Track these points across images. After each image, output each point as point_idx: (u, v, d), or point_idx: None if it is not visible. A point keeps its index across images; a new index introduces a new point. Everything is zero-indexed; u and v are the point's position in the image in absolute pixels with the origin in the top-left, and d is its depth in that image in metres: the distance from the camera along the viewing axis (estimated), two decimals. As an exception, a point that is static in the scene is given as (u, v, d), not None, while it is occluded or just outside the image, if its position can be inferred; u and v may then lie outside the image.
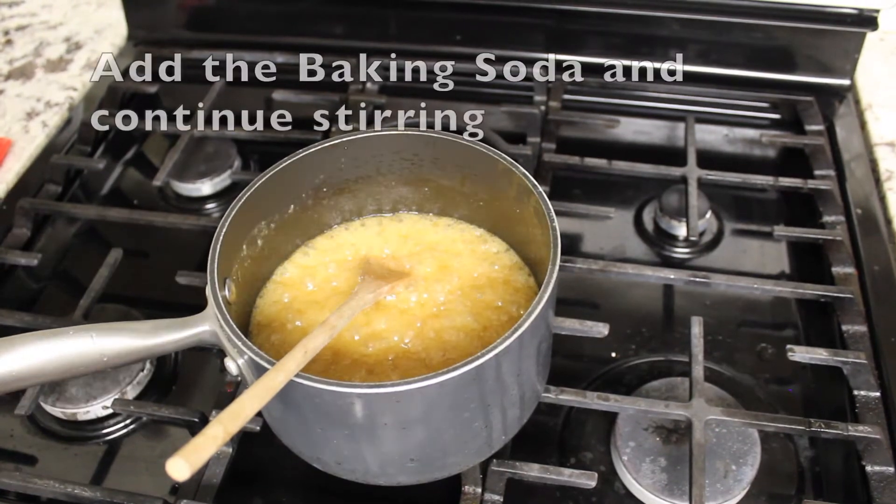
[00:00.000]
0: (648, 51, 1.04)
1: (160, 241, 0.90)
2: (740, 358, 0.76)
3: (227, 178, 0.94)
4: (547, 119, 0.98)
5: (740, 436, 0.67)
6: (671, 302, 0.82)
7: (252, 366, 0.56)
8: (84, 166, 0.98)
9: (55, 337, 0.61)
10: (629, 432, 0.68)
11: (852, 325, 0.75)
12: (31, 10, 1.21)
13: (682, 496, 0.64)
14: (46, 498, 0.68)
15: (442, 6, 1.06)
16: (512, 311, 0.67)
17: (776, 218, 0.88)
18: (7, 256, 0.85)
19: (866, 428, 0.65)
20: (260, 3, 1.11)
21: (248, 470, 0.69)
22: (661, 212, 0.88)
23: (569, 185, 0.91)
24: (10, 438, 0.73)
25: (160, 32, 1.14)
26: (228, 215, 0.64)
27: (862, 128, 0.98)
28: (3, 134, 1.00)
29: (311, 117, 0.99)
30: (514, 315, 0.66)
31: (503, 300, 0.68)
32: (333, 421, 0.56)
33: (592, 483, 0.63)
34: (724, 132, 1.00)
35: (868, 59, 1.04)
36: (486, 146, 0.68)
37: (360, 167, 0.72)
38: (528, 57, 1.05)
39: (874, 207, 0.88)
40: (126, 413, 0.73)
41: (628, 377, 0.75)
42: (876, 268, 0.81)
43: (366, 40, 1.08)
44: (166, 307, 0.69)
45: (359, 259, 0.72)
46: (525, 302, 0.68)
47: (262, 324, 0.69)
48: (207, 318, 0.60)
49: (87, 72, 1.09)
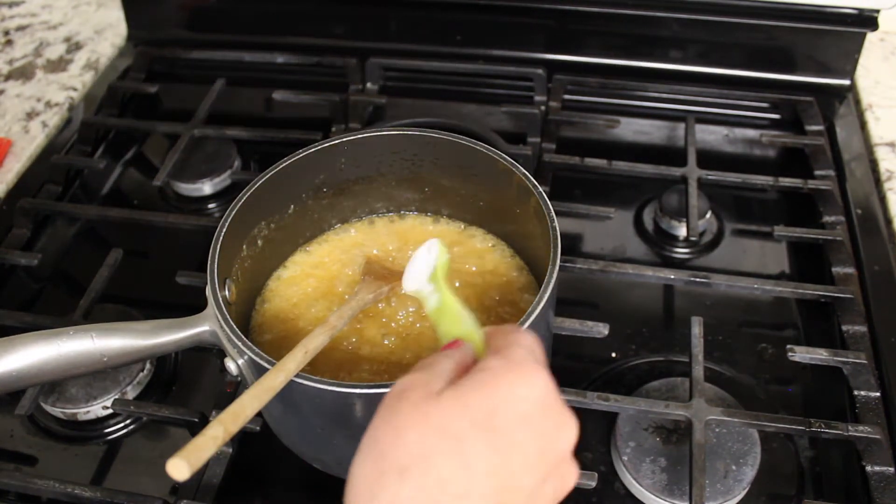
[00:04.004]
0: (648, 51, 1.04)
1: (160, 241, 0.90)
2: (740, 358, 0.76)
3: (227, 178, 0.94)
4: (547, 119, 0.98)
5: (740, 436, 0.67)
6: (671, 302, 0.82)
7: (252, 366, 0.56)
8: (84, 166, 0.98)
9: (55, 337, 0.61)
10: (629, 432, 0.68)
11: (852, 325, 0.75)
12: (31, 10, 1.21)
13: (682, 496, 0.64)
14: (46, 498, 0.68)
15: (442, 6, 1.06)
16: (512, 311, 0.67)
17: (776, 218, 0.88)
18: (7, 256, 0.85)
19: (866, 428, 0.65)
20: (260, 3, 1.11)
21: (248, 470, 0.69)
22: (661, 212, 0.88)
23: (569, 185, 0.91)
24: (10, 438, 0.73)
25: (160, 32, 1.14)
26: (228, 215, 0.64)
27: (862, 128, 0.98)
28: (3, 134, 1.00)
29: (311, 117, 0.99)
30: (514, 315, 0.66)
31: (503, 300, 0.68)
32: (333, 421, 0.56)
33: (592, 483, 0.63)
34: (724, 132, 1.00)
35: (868, 59, 1.04)
36: (486, 146, 0.68)
37: (360, 167, 0.72)
38: (528, 57, 1.05)
39: (874, 207, 0.88)
40: (126, 413, 0.72)
41: (628, 377, 0.75)
42: (876, 268, 0.81)
43: (366, 40, 1.08)
44: (166, 307, 0.69)
45: (359, 259, 0.72)
46: (525, 302, 0.68)
47: (262, 324, 0.69)
48: (207, 318, 0.60)
49: (87, 72, 1.09)
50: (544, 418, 0.39)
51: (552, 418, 0.39)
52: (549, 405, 0.39)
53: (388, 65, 1.05)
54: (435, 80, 1.06)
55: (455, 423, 0.36)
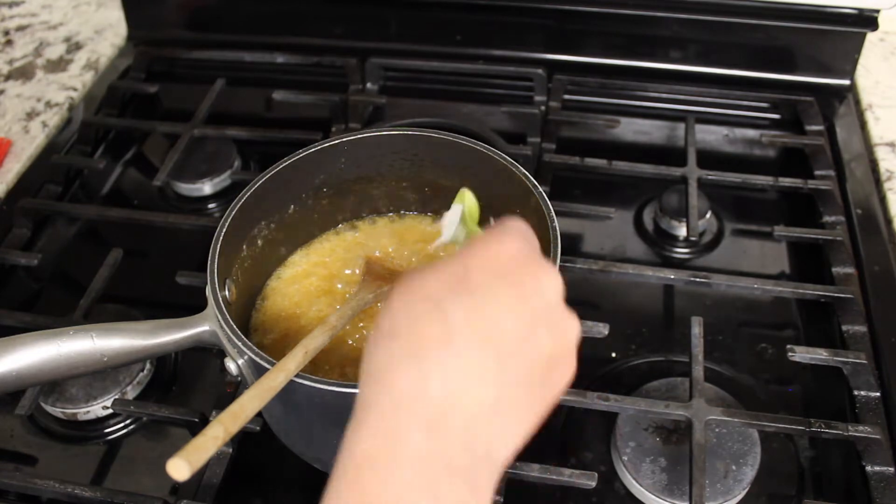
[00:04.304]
0: (648, 51, 1.04)
1: (160, 241, 0.90)
2: (740, 358, 0.76)
3: (227, 178, 0.94)
4: (547, 119, 0.98)
5: (740, 436, 0.67)
6: (671, 302, 0.82)
7: (252, 366, 0.56)
8: (84, 166, 0.98)
9: (55, 337, 0.61)
10: (629, 432, 0.68)
11: (852, 325, 0.75)
12: (31, 10, 1.21)
13: (682, 496, 0.64)
14: (46, 498, 0.68)
15: (442, 6, 1.06)
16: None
17: (776, 218, 0.88)
18: (7, 256, 0.85)
19: (866, 428, 0.65)
20: (260, 3, 1.11)
21: (248, 470, 0.69)
22: (661, 212, 0.88)
23: (569, 185, 0.91)
24: (10, 438, 0.73)
25: (160, 32, 1.14)
26: (228, 215, 0.64)
27: (862, 128, 0.98)
28: (3, 134, 1.00)
29: (311, 117, 0.99)
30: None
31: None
32: (333, 421, 0.56)
33: (592, 483, 0.63)
34: (724, 132, 1.00)
35: (868, 59, 1.04)
36: (486, 146, 0.68)
37: (360, 167, 0.72)
38: (528, 57, 1.05)
39: (874, 207, 0.88)
40: (126, 413, 0.72)
41: (628, 377, 0.74)
42: (876, 268, 0.81)
43: (366, 40, 1.08)
44: (166, 307, 0.69)
45: (359, 259, 0.72)
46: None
47: (262, 324, 0.69)
48: (207, 318, 0.60)
49: (87, 72, 1.09)
50: (519, 270, 0.41)
51: (529, 270, 0.41)
52: (524, 260, 0.41)
53: (388, 65, 1.05)
54: (435, 80, 1.06)
55: (432, 287, 0.39)
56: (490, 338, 0.38)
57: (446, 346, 0.37)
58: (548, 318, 0.41)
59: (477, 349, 0.38)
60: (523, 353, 0.39)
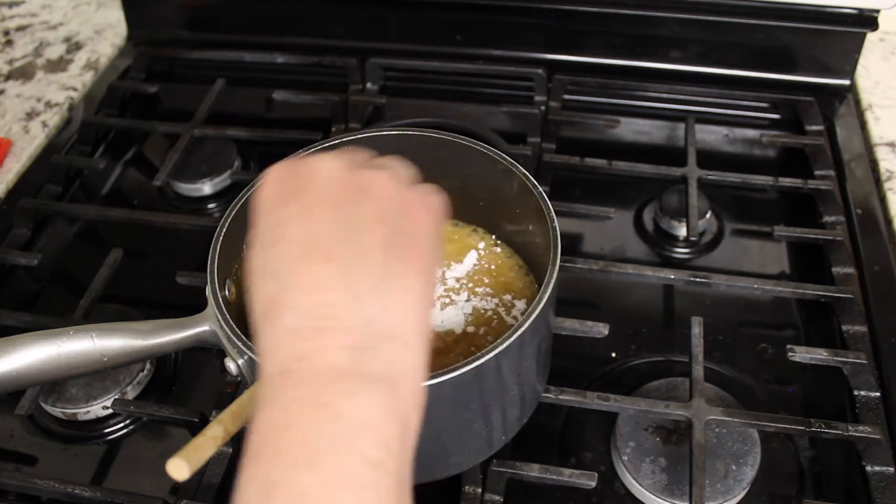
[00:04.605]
0: (648, 51, 1.04)
1: (160, 241, 0.90)
2: (740, 358, 0.76)
3: (227, 178, 0.94)
4: (547, 119, 0.98)
5: (740, 436, 0.67)
6: (671, 302, 0.82)
7: (252, 366, 0.56)
8: (84, 166, 0.98)
9: (55, 337, 0.61)
10: (629, 432, 0.68)
11: (852, 325, 0.75)
12: (31, 10, 1.21)
13: (682, 496, 0.64)
14: (46, 498, 0.68)
15: (442, 6, 1.06)
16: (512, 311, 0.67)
17: (776, 218, 0.88)
18: (7, 256, 0.85)
19: (866, 428, 0.65)
20: (260, 2, 1.11)
21: (248, 470, 0.68)
22: (661, 212, 0.88)
23: (569, 185, 0.91)
24: (10, 438, 0.73)
25: (160, 32, 1.14)
26: (228, 215, 0.64)
27: (862, 128, 0.98)
28: (3, 134, 1.00)
29: (311, 117, 0.99)
30: (513, 315, 0.66)
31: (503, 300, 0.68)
32: (333, 421, 0.56)
33: (592, 483, 0.63)
34: (724, 132, 1.00)
35: (868, 59, 1.04)
36: (486, 146, 0.68)
37: (360, 167, 0.72)
38: (528, 57, 1.05)
39: (874, 207, 0.88)
40: (126, 413, 0.72)
41: (628, 377, 0.75)
42: (876, 268, 0.81)
43: (366, 40, 1.08)
44: (166, 307, 0.69)
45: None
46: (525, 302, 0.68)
47: (262, 324, 0.69)
48: (207, 318, 0.60)
49: (87, 72, 1.09)
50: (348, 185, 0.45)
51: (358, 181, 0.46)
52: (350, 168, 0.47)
53: (388, 65, 1.05)
54: (435, 80, 1.06)
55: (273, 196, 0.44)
56: (311, 230, 0.42)
57: (280, 244, 0.42)
58: (365, 192, 0.45)
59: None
60: (349, 227, 0.42)
